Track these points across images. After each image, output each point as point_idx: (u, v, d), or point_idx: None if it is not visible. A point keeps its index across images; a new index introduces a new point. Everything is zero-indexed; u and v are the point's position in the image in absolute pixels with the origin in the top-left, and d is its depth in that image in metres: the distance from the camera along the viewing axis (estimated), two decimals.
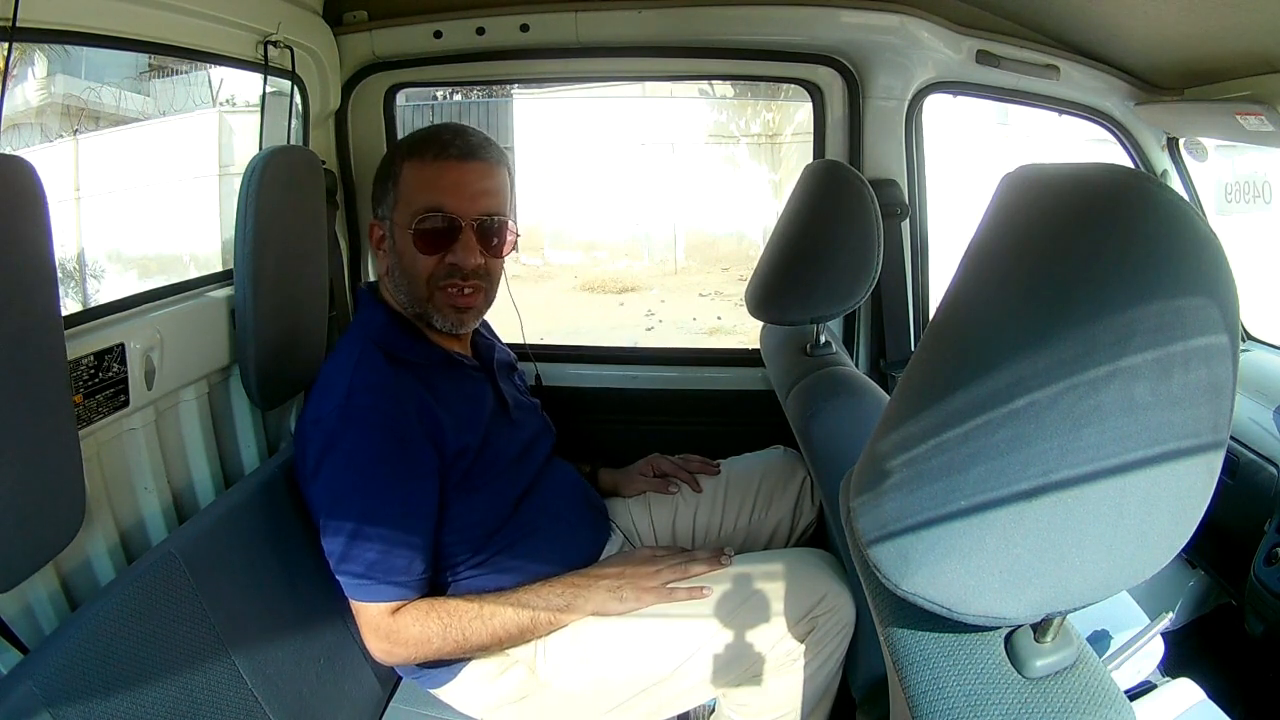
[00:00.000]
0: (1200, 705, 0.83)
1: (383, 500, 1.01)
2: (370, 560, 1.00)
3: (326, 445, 1.01)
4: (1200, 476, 0.42)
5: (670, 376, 1.65)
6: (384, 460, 1.01)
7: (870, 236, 1.16)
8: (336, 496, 1.01)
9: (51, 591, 0.89)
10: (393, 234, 1.10)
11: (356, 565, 1.00)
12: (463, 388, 1.13)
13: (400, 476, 1.01)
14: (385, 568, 1.00)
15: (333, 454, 1.01)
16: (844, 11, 1.41)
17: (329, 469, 1.02)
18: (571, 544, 1.17)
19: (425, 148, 1.08)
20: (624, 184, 7.96)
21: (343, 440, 1.01)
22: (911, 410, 0.48)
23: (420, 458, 1.03)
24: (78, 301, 4.83)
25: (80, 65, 5.43)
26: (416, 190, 1.08)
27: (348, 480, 1.01)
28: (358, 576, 1.00)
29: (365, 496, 1.00)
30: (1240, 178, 1.57)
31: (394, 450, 1.01)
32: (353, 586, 1.01)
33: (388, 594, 1.01)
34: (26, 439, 0.74)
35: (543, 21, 1.44)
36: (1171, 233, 0.42)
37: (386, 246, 1.12)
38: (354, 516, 1.00)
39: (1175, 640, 1.19)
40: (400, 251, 1.10)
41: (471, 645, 1.04)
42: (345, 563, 1.00)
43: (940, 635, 0.49)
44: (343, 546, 1.00)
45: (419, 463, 1.03)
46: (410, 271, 1.09)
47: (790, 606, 1.04)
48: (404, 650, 1.03)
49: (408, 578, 1.01)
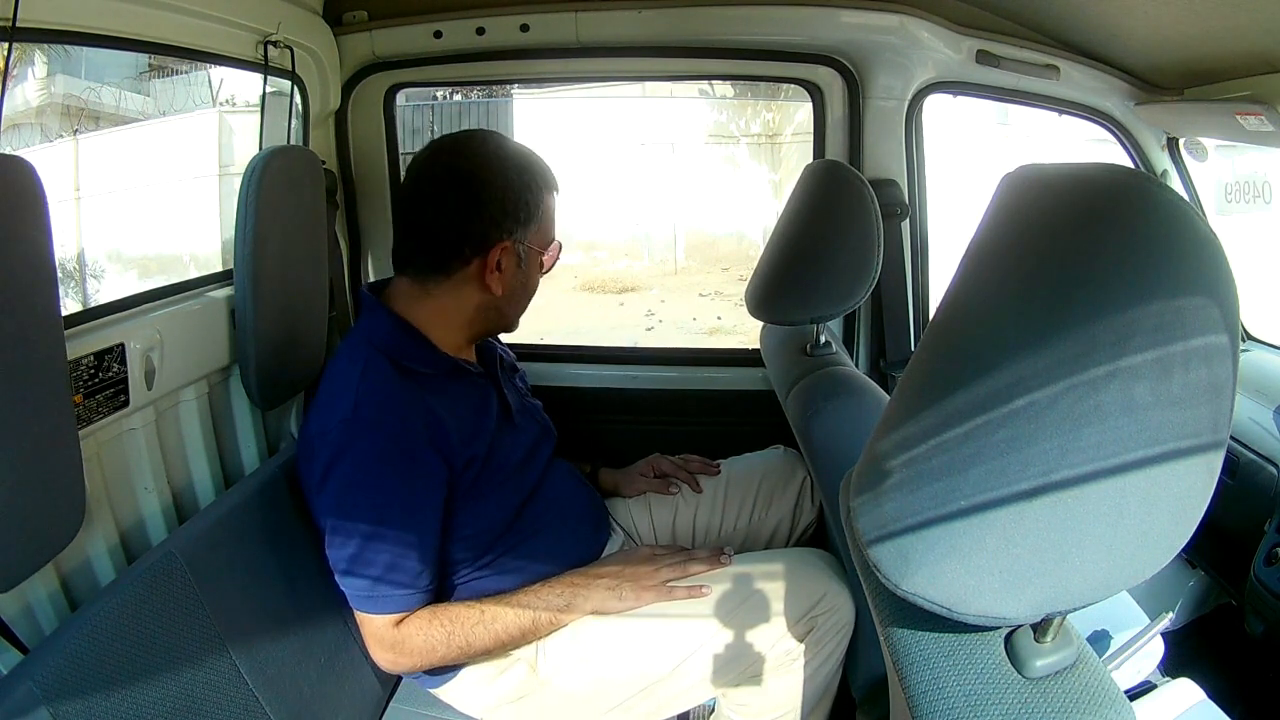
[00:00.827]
0: (1200, 705, 0.83)
1: (389, 513, 1.00)
2: (376, 573, 0.99)
3: (333, 458, 1.00)
4: (1200, 476, 0.42)
5: (670, 376, 1.65)
6: (391, 473, 1.00)
7: (870, 236, 1.16)
8: (343, 509, 1.01)
9: (51, 591, 0.89)
10: (525, 258, 1.10)
11: (362, 578, 1.00)
12: (469, 396, 1.12)
13: (407, 489, 1.01)
14: (391, 580, 1.00)
15: (339, 467, 1.00)
16: (844, 11, 1.41)
17: (335, 481, 1.01)
18: (574, 544, 1.17)
19: (554, 181, 1.13)
20: (624, 184, 7.95)
21: (349, 453, 1.00)
22: (911, 410, 0.48)
23: (427, 470, 1.02)
24: (78, 301, 4.83)
25: (80, 65, 5.42)
26: (551, 222, 1.13)
27: (354, 493, 1.00)
28: (363, 588, 1.00)
29: (372, 509, 1.00)
30: (1240, 178, 1.56)
31: (401, 463, 1.00)
32: (359, 599, 1.01)
33: (393, 605, 1.01)
34: (26, 439, 0.73)
35: (543, 21, 1.44)
36: (1171, 233, 0.42)
37: (510, 268, 1.08)
38: (360, 529, 0.99)
39: (1175, 640, 1.19)
40: (528, 275, 1.12)
41: (475, 650, 1.04)
42: (351, 575, 1.00)
43: (940, 635, 0.49)
44: (348, 559, 1.00)
45: (426, 475, 1.02)
46: (528, 293, 1.15)
47: (790, 606, 1.04)
48: (409, 660, 1.03)
49: (413, 590, 1.01)
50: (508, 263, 1.08)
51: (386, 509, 1.00)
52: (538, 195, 1.09)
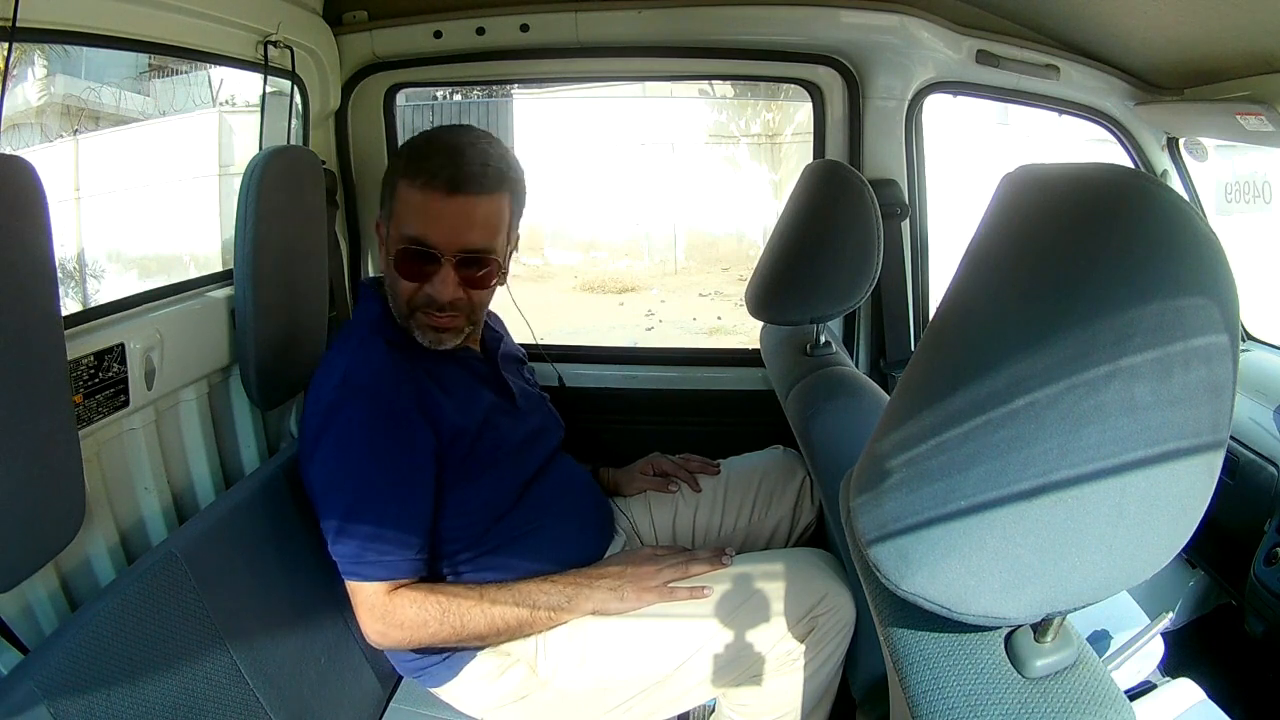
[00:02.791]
0: (1200, 705, 0.83)
1: (378, 477, 1.01)
2: (364, 537, 1.00)
3: (323, 424, 1.03)
4: (1200, 476, 0.42)
5: (670, 376, 1.65)
6: (380, 438, 1.01)
7: (870, 236, 1.16)
8: (331, 473, 1.02)
9: (51, 591, 0.89)
10: (388, 244, 1.09)
11: (351, 543, 1.00)
12: (462, 374, 1.13)
13: (396, 454, 1.02)
14: (379, 546, 1.00)
15: (329, 432, 1.02)
16: (844, 11, 1.41)
17: (325, 449, 1.02)
18: (576, 544, 1.17)
19: (419, 170, 1.03)
20: (624, 184, 7.96)
21: (338, 418, 1.02)
22: (911, 410, 0.48)
23: (416, 437, 1.03)
24: (78, 301, 4.82)
25: (80, 65, 5.42)
26: (405, 214, 1.05)
27: (343, 457, 1.02)
28: (351, 553, 1.00)
29: (360, 473, 1.01)
30: (1240, 178, 1.57)
31: (390, 428, 1.02)
32: (347, 565, 1.01)
33: (382, 572, 1.01)
34: (26, 439, 0.73)
35: (543, 21, 1.44)
36: (1171, 232, 0.42)
37: (382, 253, 1.11)
38: (349, 493, 1.01)
39: (1175, 640, 1.19)
40: (387, 266, 1.09)
41: (469, 634, 1.03)
42: (340, 541, 1.01)
43: (940, 635, 0.49)
44: (338, 523, 1.00)
45: (415, 442, 1.03)
46: (394, 288, 1.09)
47: (790, 606, 1.04)
48: (399, 633, 1.02)
49: (401, 557, 1.01)
50: (381, 247, 1.11)
51: (374, 472, 1.01)
52: (394, 178, 1.07)
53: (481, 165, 1.04)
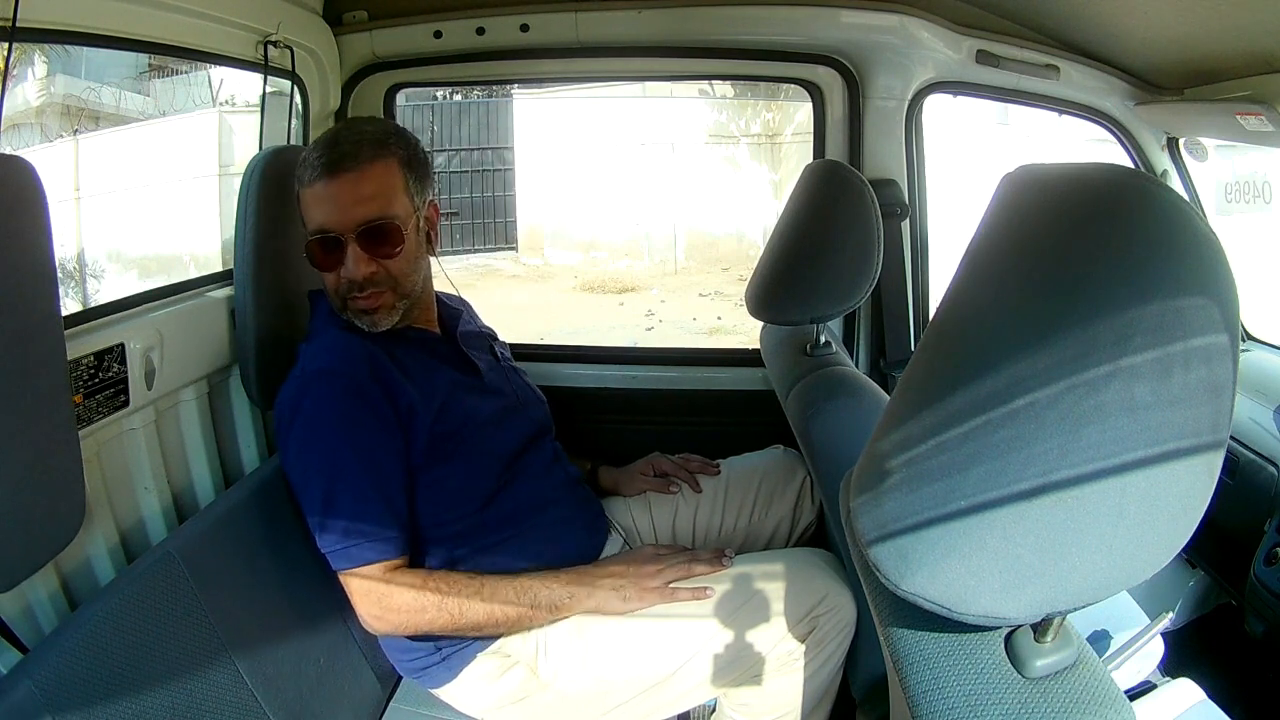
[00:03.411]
0: (1200, 705, 0.83)
1: (346, 456, 1.02)
2: (347, 517, 1.00)
3: (290, 415, 1.05)
4: (1200, 476, 0.42)
5: (670, 376, 1.65)
6: (343, 416, 1.03)
7: (870, 236, 1.16)
8: (304, 460, 1.03)
9: (51, 591, 0.89)
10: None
11: (333, 526, 1.01)
12: (419, 354, 1.14)
13: (360, 431, 1.03)
14: (360, 529, 1.00)
15: (296, 422, 1.04)
16: (844, 11, 1.41)
17: (294, 439, 1.04)
18: (566, 540, 1.17)
19: (303, 171, 1.06)
20: (624, 184, 7.96)
21: (303, 406, 1.04)
22: (911, 410, 0.48)
23: (380, 411, 1.05)
24: (78, 301, 4.83)
25: (80, 65, 5.43)
26: (306, 214, 1.08)
27: (313, 438, 1.03)
28: (336, 540, 1.01)
29: (330, 453, 1.02)
30: (1240, 178, 1.57)
31: (350, 405, 1.03)
32: (335, 554, 1.01)
33: (370, 554, 1.01)
34: (26, 439, 0.74)
35: (543, 21, 1.44)
36: (1171, 232, 0.42)
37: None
38: (323, 477, 1.02)
39: (1175, 640, 1.19)
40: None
41: (467, 623, 1.03)
42: (323, 530, 1.01)
43: (940, 635, 0.49)
44: (319, 513, 1.01)
45: (379, 416, 1.04)
46: (325, 286, 1.11)
47: (791, 606, 1.04)
48: (395, 617, 1.02)
49: (382, 536, 1.01)
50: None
51: (343, 451, 1.02)
52: (296, 195, 1.09)
53: (355, 144, 1.06)
